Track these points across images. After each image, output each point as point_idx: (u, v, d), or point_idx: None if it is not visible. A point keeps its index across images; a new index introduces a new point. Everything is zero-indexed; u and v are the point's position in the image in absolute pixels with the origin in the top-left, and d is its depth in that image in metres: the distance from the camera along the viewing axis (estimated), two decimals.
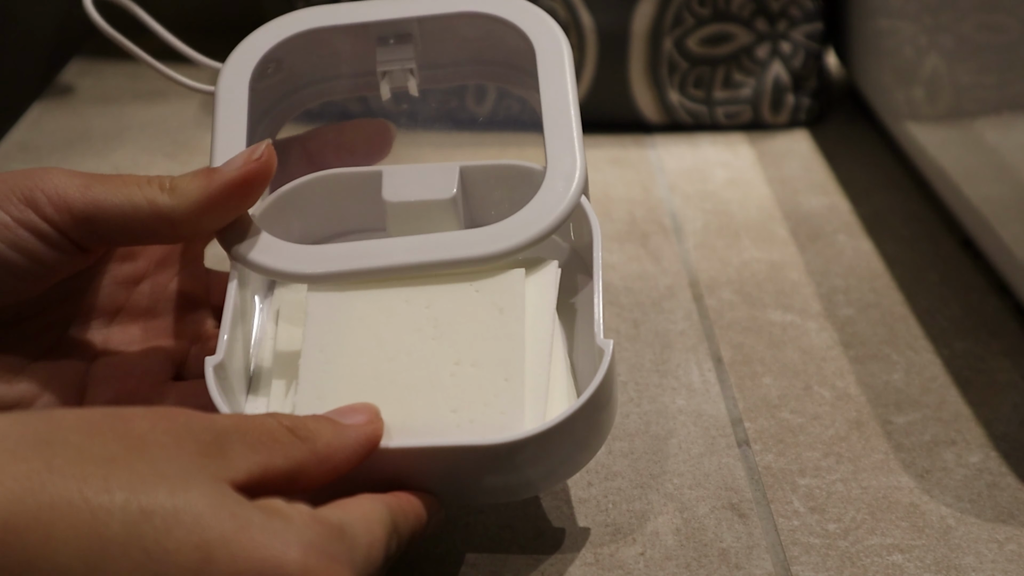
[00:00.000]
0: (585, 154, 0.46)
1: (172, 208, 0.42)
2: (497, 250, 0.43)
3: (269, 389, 0.45)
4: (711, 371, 0.55)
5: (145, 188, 0.42)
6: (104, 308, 0.47)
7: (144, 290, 0.48)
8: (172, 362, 0.47)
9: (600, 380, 0.40)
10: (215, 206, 0.42)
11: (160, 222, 0.42)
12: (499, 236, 0.43)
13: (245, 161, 0.42)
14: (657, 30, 0.76)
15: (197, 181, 0.42)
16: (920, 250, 0.65)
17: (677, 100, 0.78)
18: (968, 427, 0.51)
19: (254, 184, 0.43)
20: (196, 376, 0.47)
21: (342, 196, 0.49)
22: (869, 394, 0.53)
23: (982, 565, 0.43)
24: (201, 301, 0.49)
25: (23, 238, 0.41)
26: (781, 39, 0.77)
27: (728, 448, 0.50)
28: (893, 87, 0.71)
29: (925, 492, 0.47)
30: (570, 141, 0.46)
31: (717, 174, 0.74)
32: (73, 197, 0.41)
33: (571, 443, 0.40)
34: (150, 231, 0.42)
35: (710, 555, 0.44)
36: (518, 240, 0.43)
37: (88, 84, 0.87)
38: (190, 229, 0.43)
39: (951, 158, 0.62)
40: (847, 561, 0.44)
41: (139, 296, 0.48)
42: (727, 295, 0.61)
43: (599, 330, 0.42)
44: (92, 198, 0.42)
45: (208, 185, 0.42)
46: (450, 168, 0.47)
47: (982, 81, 0.58)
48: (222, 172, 0.42)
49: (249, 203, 0.43)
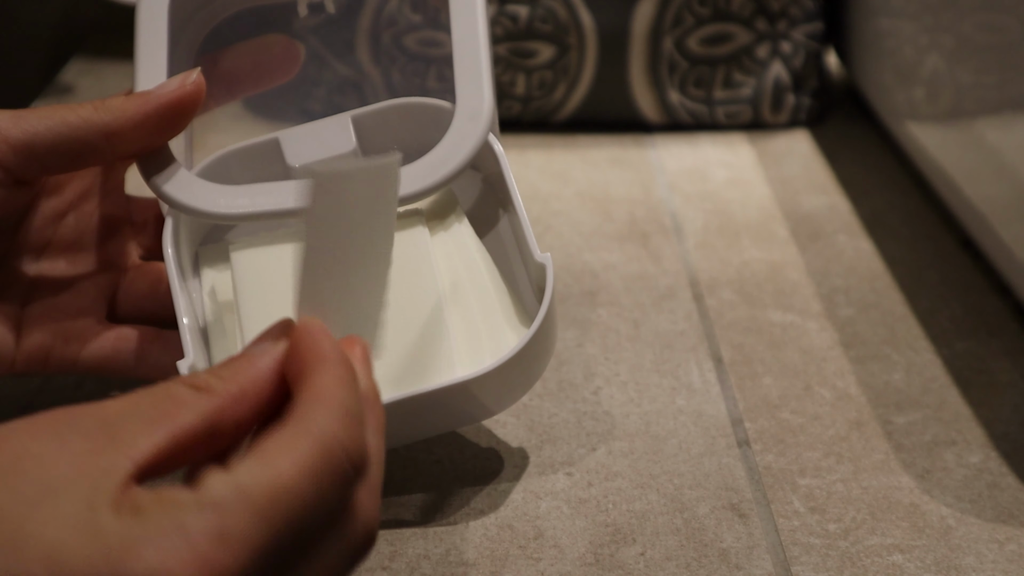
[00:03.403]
0: (493, 90, 0.47)
1: (107, 123, 0.43)
2: (409, 192, 0.45)
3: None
4: (711, 371, 0.55)
5: (77, 109, 0.43)
6: (32, 244, 0.48)
7: (70, 222, 0.49)
8: (104, 297, 0.48)
9: (549, 296, 0.44)
10: (149, 125, 0.43)
11: (98, 136, 0.43)
12: (412, 178, 0.45)
13: (180, 85, 0.44)
14: (657, 30, 0.76)
15: (132, 100, 0.43)
16: (920, 250, 0.65)
17: (677, 100, 0.78)
18: (968, 427, 0.51)
19: (186, 108, 0.44)
20: (127, 313, 0.49)
21: (251, 168, 0.49)
22: (869, 394, 0.53)
23: (982, 565, 0.43)
24: (124, 227, 0.50)
25: None
26: (781, 39, 0.77)
27: (728, 448, 0.50)
28: (893, 87, 0.71)
29: (925, 492, 0.47)
30: (478, 77, 0.47)
31: (717, 174, 0.74)
32: (7, 128, 0.42)
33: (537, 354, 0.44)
34: (88, 148, 0.43)
35: (710, 555, 0.44)
36: (429, 181, 0.45)
37: (88, 84, 0.87)
38: (125, 144, 0.44)
39: (951, 158, 0.62)
40: (847, 561, 0.44)
41: (65, 229, 0.49)
42: (727, 295, 0.61)
43: (534, 248, 0.46)
44: (26, 127, 0.43)
45: (144, 104, 0.43)
46: (342, 120, 0.48)
47: (982, 81, 0.58)
48: (157, 94, 0.44)
49: (180, 127, 0.44)
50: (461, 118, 0.46)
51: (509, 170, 0.47)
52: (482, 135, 0.46)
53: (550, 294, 0.44)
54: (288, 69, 0.51)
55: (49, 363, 0.47)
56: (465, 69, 0.47)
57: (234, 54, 0.51)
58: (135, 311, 0.49)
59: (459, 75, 0.46)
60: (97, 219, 0.49)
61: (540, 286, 0.46)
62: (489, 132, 0.46)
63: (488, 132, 0.46)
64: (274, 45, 0.52)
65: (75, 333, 0.47)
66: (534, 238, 0.46)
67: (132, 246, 0.50)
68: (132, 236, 0.50)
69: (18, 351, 0.47)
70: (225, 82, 0.50)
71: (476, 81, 0.46)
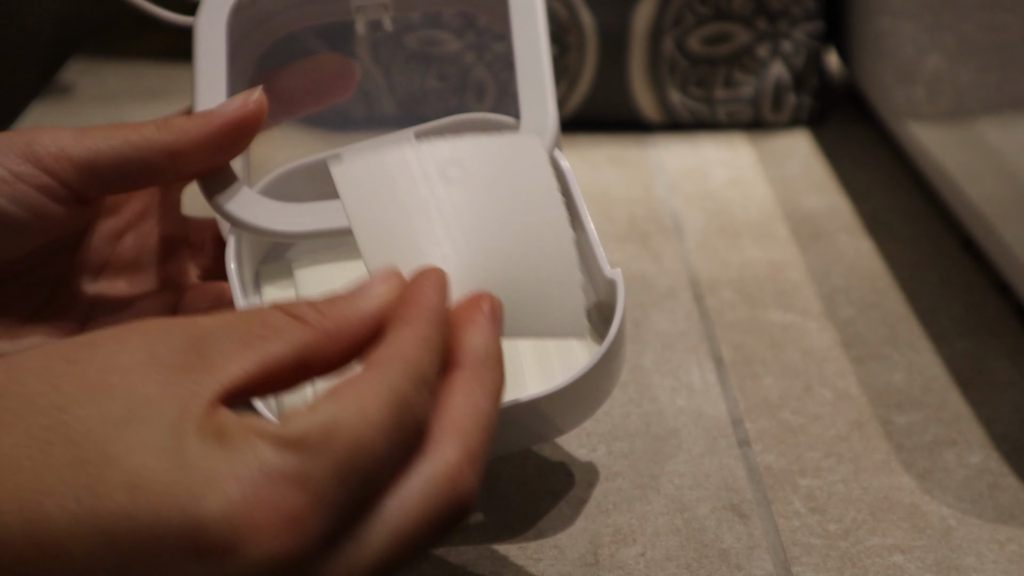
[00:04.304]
0: (556, 104, 0.46)
1: (170, 143, 0.42)
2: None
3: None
4: (712, 371, 0.54)
5: (140, 129, 0.43)
6: (91, 264, 0.48)
7: (128, 243, 0.49)
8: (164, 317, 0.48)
9: (620, 313, 0.42)
10: (212, 144, 0.43)
11: (161, 156, 0.42)
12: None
13: (243, 103, 0.43)
14: (658, 29, 0.76)
15: (195, 120, 0.43)
16: (921, 250, 0.65)
17: (678, 99, 0.78)
18: (969, 427, 0.51)
19: (249, 127, 0.43)
20: None
21: (312, 185, 0.48)
22: (870, 394, 0.53)
23: (983, 566, 0.43)
24: (181, 247, 0.50)
25: (23, 192, 0.42)
26: (782, 38, 0.77)
27: (729, 448, 0.49)
28: (894, 86, 0.71)
29: (926, 492, 0.47)
30: (542, 91, 0.46)
31: (718, 174, 0.74)
32: (71, 146, 0.42)
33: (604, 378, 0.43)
34: (151, 168, 0.43)
35: (710, 555, 0.44)
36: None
37: (88, 84, 0.87)
38: (188, 164, 0.43)
39: (952, 158, 0.62)
40: (848, 562, 0.44)
41: (123, 249, 0.49)
42: (728, 295, 0.61)
43: (604, 264, 0.44)
44: (89, 145, 0.42)
45: (207, 123, 0.43)
46: (405, 135, 0.47)
47: (983, 80, 0.58)
48: (220, 113, 0.43)
49: (242, 146, 0.44)
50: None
51: (576, 186, 0.46)
52: (547, 151, 0.44)
53: (622, 308, 0.42)
54: (344, 87, 0.51)
55: None
56: (529, 83, 0.46)
57: (290, 73, 0.51)
58: None
59: (522, 89, 0.46)
60: (155, 239, 0.49)
61: (607, 302, 0.44)
62: (554, 148, 0.45)
63: (553, 148, 0.45)
64: (329, 64, 0.52)
65: None
66: (604, 254, 0.45)
67: (190, 266, 0.50)
68: (190, 256, 0.50)
69: None
70: (282, 101, 0.50)
71: (540, 95, 0.45)
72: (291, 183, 0.48)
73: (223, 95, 0.45)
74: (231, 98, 0.44)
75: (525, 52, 0.46)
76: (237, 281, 0.45)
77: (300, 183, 0.48)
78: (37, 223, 0.43)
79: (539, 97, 0.45)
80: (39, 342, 0.45)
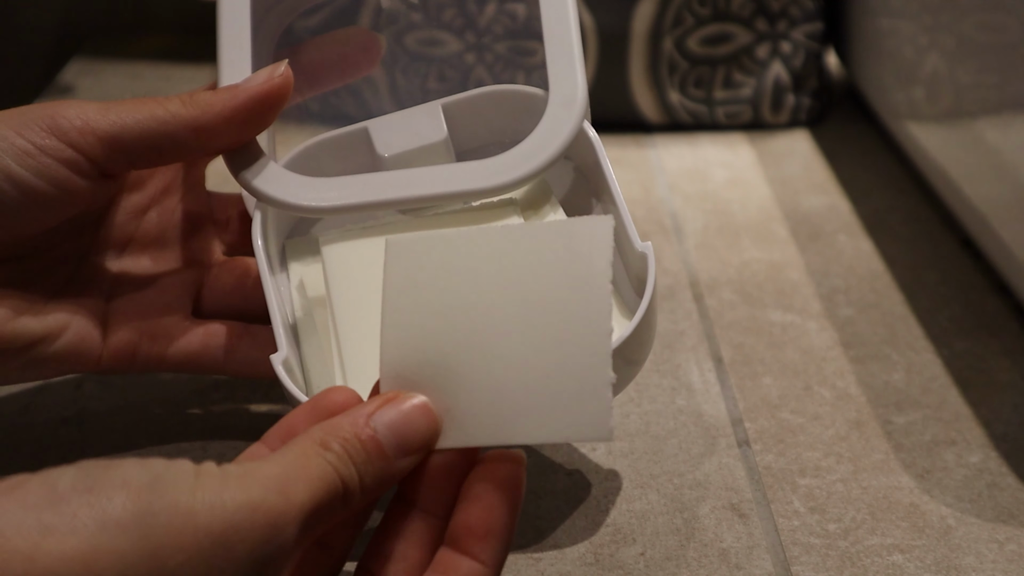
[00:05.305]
0: (585, 75, 0.46)
1: (196, 118, 0.42)
2: (503, 181, 0.44)
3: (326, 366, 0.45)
4: (711, 371, 0.55)
5: (165, 103, 0.43)
6: (115, 240, 0.48)
7: (152, 218, 0.49)
8: (189, 294, 0.48)
9: (651, 284, 0.41)
10: (239, 119, 0.43)
11: (186, 131, 0.42)
12: (505, 167, 0.44)
13: (268, 77, 0.43)
14: (657, 30, 0.76)
15: (220, 94, 0.43)
16: (920, 250, 0.65)
17: (677, 100, 0.78)
18: (968, 427, 0.51)
19: (275, 101, 0.43)
20: (212, 309, 0.48)
21: (339, 159, 0.48)
22: (869, 394, 0.53)
23: (982, 565, 0.43)
24: (206, 224, 0.50)
25: (48, 165, 0.41)
26: (781, 39, 0.77)
27: (728, 448, 0.50)
28: (893, 87, 0.71)
29: (925, 492, 0.47)
30: (571, 63, 0.45)
31: (717, 174, 0.74)
32: (96, 120, 0.42)
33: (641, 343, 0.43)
34: (176, 143, 0.42)
35: (710, 555, 0.44)
36: (524, 170, 0.44)
37: (88, 84, 0.87)
38: (213, 139, 0.43)
39: (951, 158, 0.62)
40: (847, 561, 0.44)
41: (148, 225, 0.48)
42: (727, 295, 0.61)
43: (635, 237, 0.44)
44: (114, 119, 0.42)
45: (233, 98, 0.42)
46: (432, 108, 0.47)
47: (982, 81, 0.58)
48: (246, 87, 0.43)
49: (268, 121, 0.43)
50: (555, 105, 0.44)
51: (606, 157, 0.45)
52: (577, 122, 0.44)
53: (652, 283, 0.42)
54: (370, 61, 0.51)
55: (136, 360, 0.47)
56: (558, 55, 0.45)
57: (315, 46, 0.50)
58: (220, 307, 0.49)
59: (551, 61, 0.45)
60: (179, 215, 0.49)
61: (639, 276, 0.44)
62: (584, 119, 0.45)
63: (583, 119, 0.45)
64: (354, 37, 0.51)
65: (162, 330, 0.47)
66: (634, 227, 0.44)
67: (215, 242, 0.50)
68: (215, 232, 0.50)
69: (105, 348, 0.46)
70: (307, 75, 0.50)
71: (569, 67, 0.45)
72: (317, 157, 0.48)
73: (248, 70, 0.45)
74: (256, 72, 0.43)
75: (553, 23, 0.46)
76: (264, 257, 0.44)
77: (326, 157, 0.48)
78: (61, 197, 0.42)
79: (569, 68, 0.45)
80: (63, 319, 0.45)
